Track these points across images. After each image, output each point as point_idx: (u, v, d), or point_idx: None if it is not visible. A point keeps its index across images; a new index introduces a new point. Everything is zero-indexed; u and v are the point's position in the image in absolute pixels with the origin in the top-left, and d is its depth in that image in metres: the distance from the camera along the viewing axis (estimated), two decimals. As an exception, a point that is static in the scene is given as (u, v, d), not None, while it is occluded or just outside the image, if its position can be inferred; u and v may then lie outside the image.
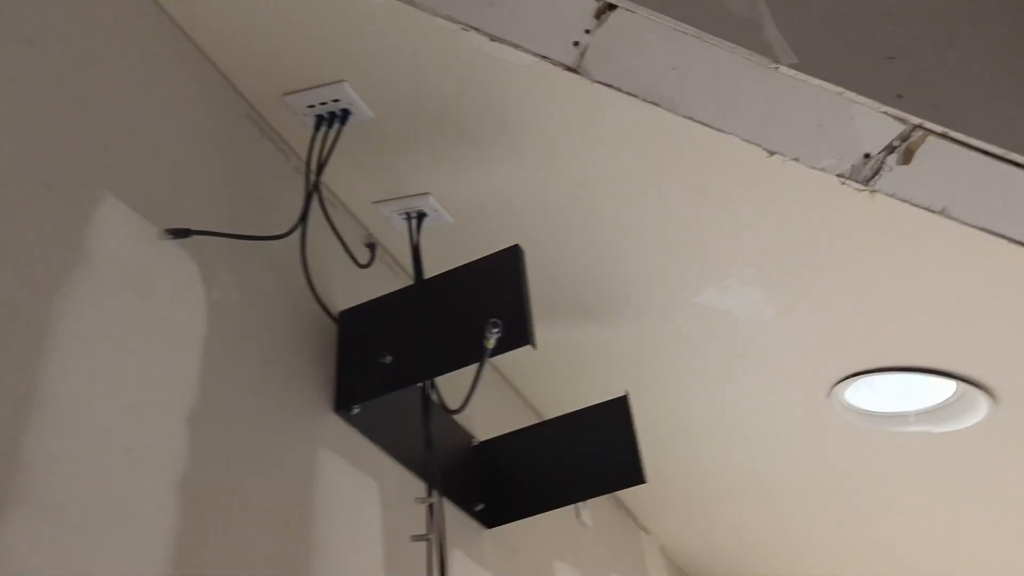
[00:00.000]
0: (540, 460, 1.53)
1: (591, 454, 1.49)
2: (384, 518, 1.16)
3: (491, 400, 1.73)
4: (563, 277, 1.47)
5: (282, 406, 1.04)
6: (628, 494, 2.34)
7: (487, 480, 1.54)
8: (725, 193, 1.25)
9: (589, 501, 2.09)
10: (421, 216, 1.36)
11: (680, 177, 1.24)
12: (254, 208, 1.10)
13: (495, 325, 0.95)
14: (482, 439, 1.59)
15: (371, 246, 1.19)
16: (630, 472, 1.43)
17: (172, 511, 0.80)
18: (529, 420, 1.67)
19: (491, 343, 0.97)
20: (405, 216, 1.37)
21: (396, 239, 1.41)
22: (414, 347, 1.14)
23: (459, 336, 1.11)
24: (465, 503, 1.45)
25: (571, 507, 1.99)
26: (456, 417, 1.53)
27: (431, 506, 1.06)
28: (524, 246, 1.14)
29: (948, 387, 1.64)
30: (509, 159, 1.25)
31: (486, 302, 1.13)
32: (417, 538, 1.04)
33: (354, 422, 1.18)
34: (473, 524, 1.46)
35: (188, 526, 0.82)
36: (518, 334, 1.08)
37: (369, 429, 1.20)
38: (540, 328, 1.61)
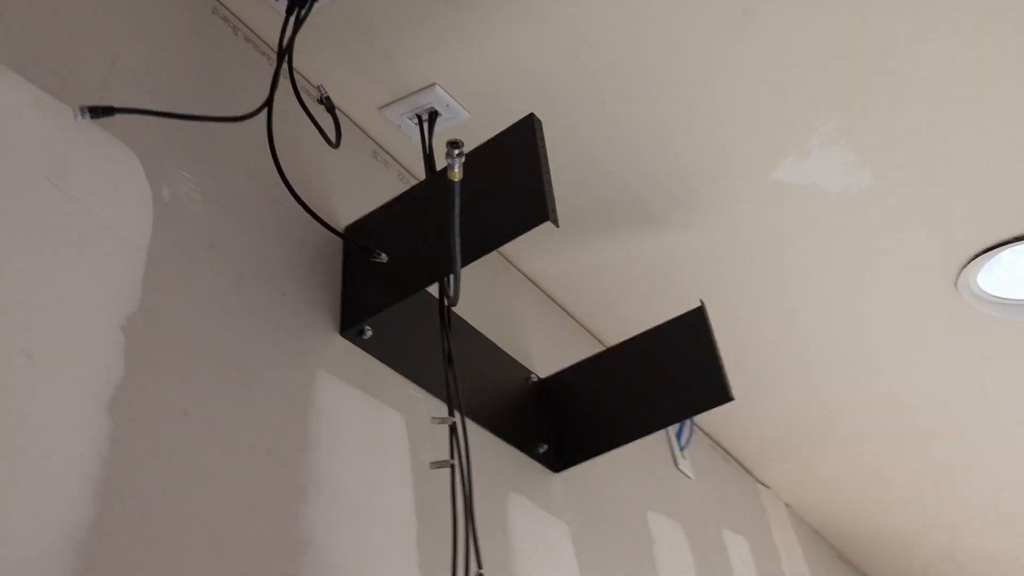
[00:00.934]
0: (608, 392, 1.32)
1: (666, 377, 1.27)
2: (406, 449, 0.99)
3: (551, 333, 1.54)
4: (611, 172, 1.26)
5: (264, 325, 0.88)
6: (739, 445, 2.10)
7: (550, 419, 1.35)
8: (781, 14, 0.99)
9: (688, 452, 1.86)
10: (433, 116, 1.19)
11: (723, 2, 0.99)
12: (217, 96, 0.95)
13: (454, 145, 0.75)
14: (543, 376, 1.40)
15: (325, 100, 0.98)
16: (713, 390, 1.21)
17: (101, 429, 0.65)
18: (594, 352, 1.46)
19: (455, 171, 0.76)
20: (416, 119, 1.20)
21: (413, 152, 1.24)
22: (422, 247, 0.96)
23: (473, 227, 0.93)
24: (525, 445, 1.26)
25: (668, 457, 1.77)
26: (512, 353, 1.36)
27: (453, 427, 0.88)
28: (560, 137, 0.95)
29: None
30: (525, 21, 1.05)
31: (501, 182, 0.95)
32: (437, 464, 0.86)
33: (367, 346, 1.01)
34: (536, 467, 1.27)
35: (127, 450, 0.67)
36: (536, 211, 0.89)
37: (386, 353, 1.03)
38: (596, 243, 1.42)
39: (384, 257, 0.95)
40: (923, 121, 1.12)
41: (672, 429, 1.85)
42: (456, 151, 0.74)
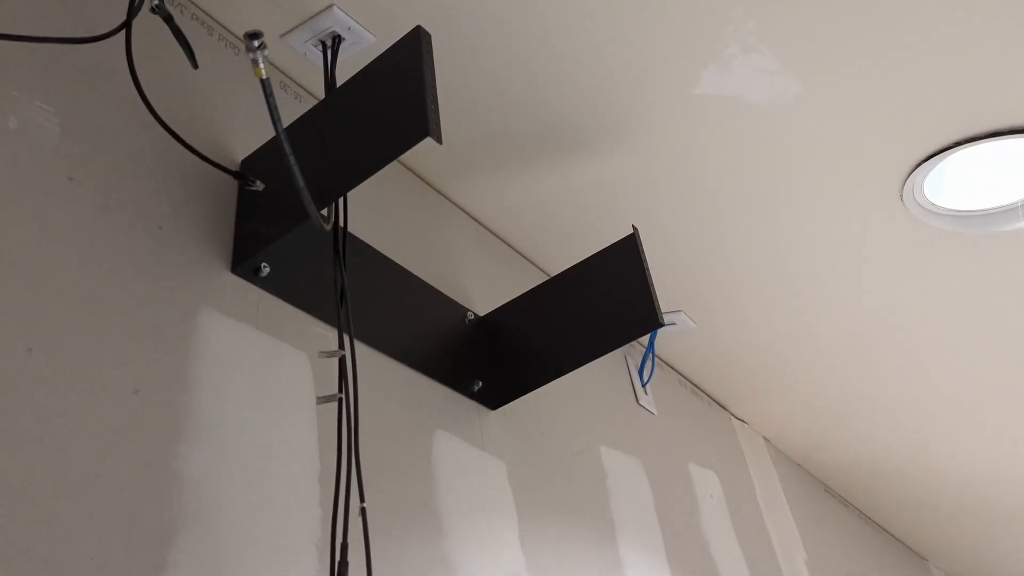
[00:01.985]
0: (545, 325, 1.28)
1: (600, 307, 1.23)
2: (309, 387, 0.95)
3: (493, 270, 1.49)
4: (544, 99, 1.20)
5: (134, 260, 0.83)
6: (711, 381, 2.06)
7: (487, 356, 1.31)
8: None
9: (651, 388, 1.82)
10: (337, 41, 1.13)
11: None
12: (84, 20, 0.89)
13: (252, 37, 0.68)
14: (483, 313, 1.36)
15: (158, 8, 0.87)
16: (645, 316, 1.16)
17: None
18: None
19: (259, 68, 0.68)
20: (320, 46, 1.14)
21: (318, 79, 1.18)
22: (317, 167, 0.90)
23: (359, 147, 0.88)
24: (459, 383, 1.22)
25: (629, 393, 1.74)
26: (448, 293, 1.31)
27: (342, 360, 0.84)
28: (484, 62, 0.88)
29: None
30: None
31: (385, 100, 0.89)
32: (324, 399, 0.82)
33: (266, 284, 0.97)
34: (470, 405, 1.24)
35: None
36: (417, 127, 0.83)
37: (287, 291, 0.99)
38: (534, 174, 1.37)
39: (260, 185, 0.90)
40: (850, 17, 1.05)
41: (633, 365, 1.81)
42: (256, 42, 0.67)
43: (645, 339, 1.84)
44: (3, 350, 0.68)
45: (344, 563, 0.72)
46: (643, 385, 1.79)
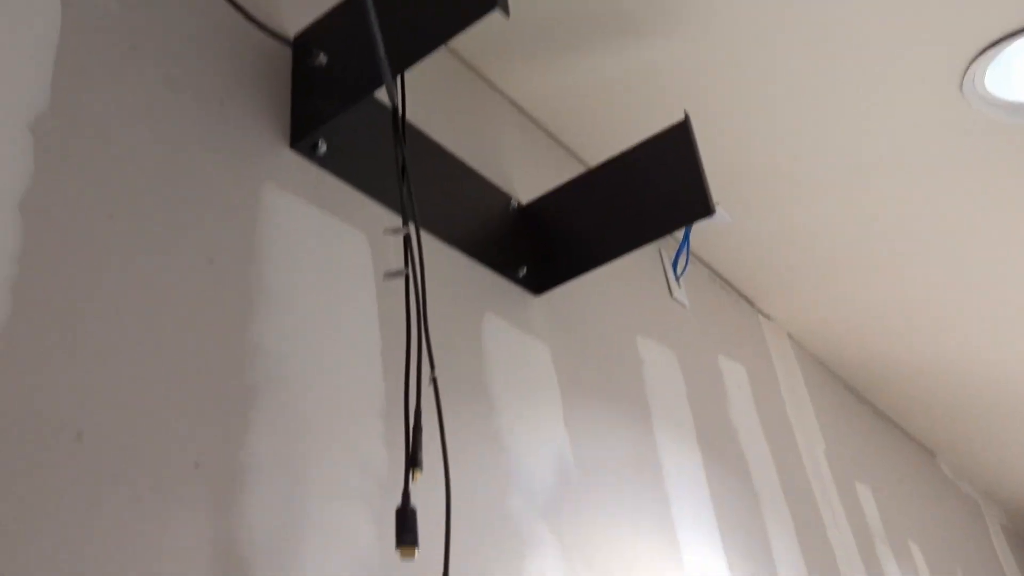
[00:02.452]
0: (591, 213, 1.28)
1: (648, 194, 1.22)
2: (368, 266, 0.96)
3: (535, 159, 1.48)
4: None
5: (198, 133, 0.83)
6: (740, 275, 2.07)
7: (531, 243, 1.31)
8: None
9: (684, 281, 1.83)
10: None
11: None
12: None
13: None
14: (525, 202, 1.36)
15: None
16: (695, 204, 1.16)
17: (9, 226, 0.63)
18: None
19: None
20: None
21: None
22: (368, 49, 0.89)
23: (420, 20, 0.86)
24: (504, 268, 1.24)
25: (663, 285, 1.75)
26: (493, 179, 1.31)
27: (407, 238, 0.85)
28: None
29: None
30: None
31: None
32: (391, 275, 0.83)
33: (323, 162, 0.97)
34: (516, 290, 1.25)
35: (44, 249, 0.64)
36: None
37: (345, 169, 0.99)
38: (580, 59, 1.34)
39: (323, 58, 0.88)
40: None
41: (667, 258, 1.82)
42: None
43: (680, 233, 1.84)
44: (86, 216, 0.69)
45: (418, 427, 0.75)
46: (676, 279, 1.80)
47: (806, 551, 1.72)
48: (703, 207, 1.15)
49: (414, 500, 0.73)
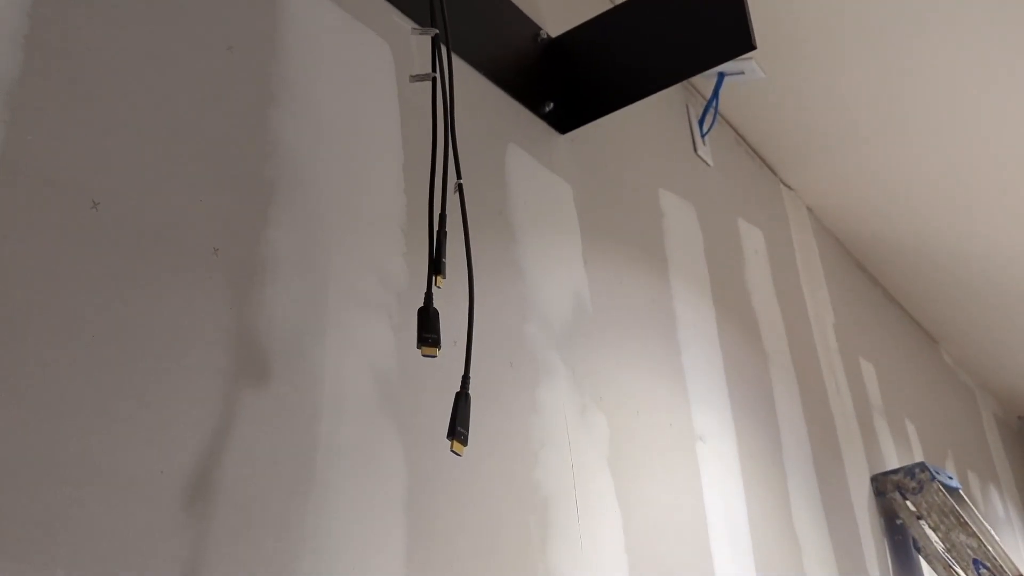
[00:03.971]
0: (622, 48, 1.22)
1: (685, 28, 1.16)
2: (392, 75, 0.92)
3: (566, -10, 1.40)
4: None
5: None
6: (766, 143, 2.01)
7: (559, 78, 1.26)
8: None
9: (709, 140, 1.78)
10: None
11: None
12: None
13: None
14: (554, 35, 1.29)
15: None
16: (736, 38, 1.10)
17: (19, -17, 0.58)
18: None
19: None
20: None
21: None
22: None
23: None
24: (530, 101, 1.19)
25: (688, 141, 1.70)
26: (521, 7, 1.24)
27: (435, 39, 0.80)
28: None
29: None
30: None
31: None
32: (417, 78, 0.79)
33: (347, -38, 0.90)
34: (541, 126, 1.21)
35: None
36: None
37: (369, -28, 0.93)
38: None
39: None
40: None
41: (695, 114, 1.76)
42: None
43: (709, 89, 1.77)
44: (99, -21, 0.64)
45: (443, 232, 0.72)
46: (702, 136, 1.75)
47: (808, 414, 1.74)
48: (744, 40, 1.09)
49: (440, 309, 0.72)
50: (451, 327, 0.77)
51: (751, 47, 1.08)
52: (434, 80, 0.79)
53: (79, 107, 0.60)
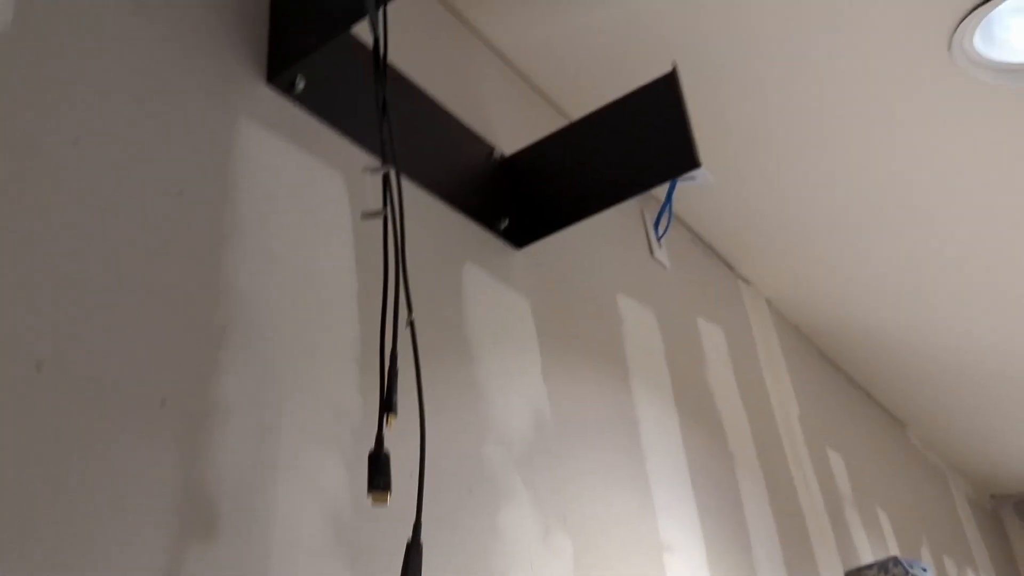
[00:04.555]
0: (574, 165, 1.26)
1: (634, 147, 1.20)
2: (346, 207, 0.94)
3: (517, 109, 1.45)
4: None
5: (171, 60, 0.80)
6: (721, 239, 2.06)
7: (514, 195, 1.29)
8: None
9: (666, 242, 1.82)
10: None
11: None
12: None
13: None
14: (508, 153, 1.33)
15: None
16: (681, 157, 1.14)
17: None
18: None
19: None
20: None
21: None
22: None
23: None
24: (486, 219, 1.21)
25: (644, 245, 1.74)
26: (474, 127, 1.28)
27: (386, 176, 0.82)
28: None
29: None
30: None
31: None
32: (369, 215, 0.80)
33: (302, 100, 0.93)
34: (497, 242, 1.23)
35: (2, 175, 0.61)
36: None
37: (324, 108, 0.96)
38: (564, 7, 1.31)
39: (301, -20, 0.85)
40: None
41: (649, 218, 1.80)
42: None
43: (662, 194, 1.82)
44: (48, 140, 0.66)
45: (394, 371, 0.73)
46: (658, 239, 1.79)
47: (777, 512, 1.73)
48: (689, 160, 1.13)
49: (388, 446, 0.72)
50: (409, 460, 0.76)
51: (696, 165, 1.12)
52: (385, 217, 0.81)
53: (24, 268, 0.60)
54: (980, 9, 1.17)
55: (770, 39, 1.32)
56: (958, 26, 1.21)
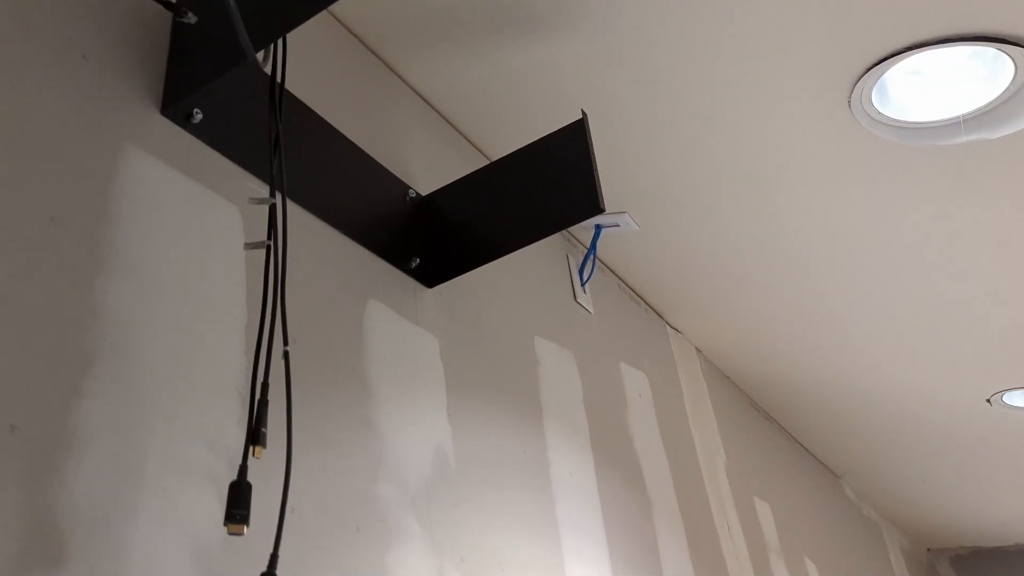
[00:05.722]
0: (486, 208, 1.27)
1: (542, 191, 1.22)
2: (240, 240, 0.93)
3: (435, 150, 1.46)
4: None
5: (52, 85, 0.79)
6: (649, 288, 2.09)
7: (427, 235, 1.30)
8: None
9: (590, 288, 1.84)
10: None
11: None
12: None
13: None
14: (426, 192, 1.35)
15: None
16: (586, 202, 1.16)
17: None
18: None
19: None
20: None
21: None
22: (245, 8, 0.86)
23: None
24: (396, 258, 1.22)
25: (568, 289, 1.75)
26: (391, 168, 1.29)
27: (272, 208, 0.82)
28: None
29: (1005, 71, 1.26)
30: None
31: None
32: (252, 245, 0.80)
33: (198, 132, 0.93)
34: (407, 281, 1.23)
35: None
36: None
37: (221, 141, 0.96)
38: (484, 51, 1.34)
39: (192, 17, 0.85)
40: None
41: (575, 263, 1.82)
42: None
43: (588, 239, 1.85)
44: (-94, 156, 0.65)
45: (264, 401, 0.72)
46: (582, 284, 1.81)
47: (696, 560, 1.72)
48: (593, 205, 1.15)
49: (267, 482, 0.71)
50: (291, 494, 0.75)
51: (599, 210, 1.14)
52: (268, 247, 0.81)
53: None
54: (875, 68, 1.23)
55: (680, 95, 1.36)
56: (855, 85, 1.27)
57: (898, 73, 1.24)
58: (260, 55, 0.87)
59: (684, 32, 1.24)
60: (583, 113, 1.22)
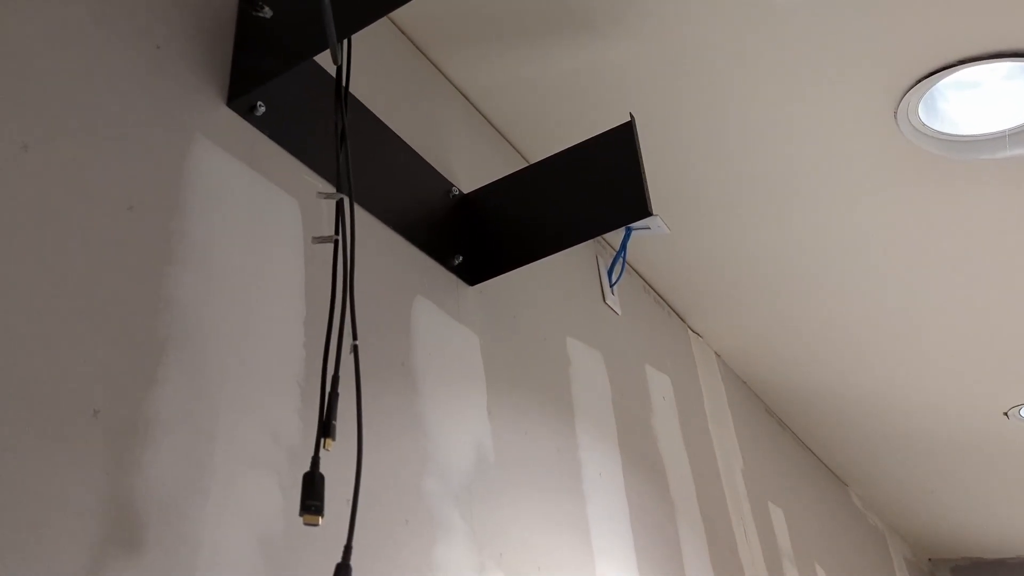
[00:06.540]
0: (530, 207, 1.28)
1: (588, 193, 1.23)
2: (299, 233, 0.94)
3: (477, 149, 1.47)
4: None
5: (130, 73, 0.80)
6: (674, 292, 2.10)
7: (469, 233, 1.31)
8: None
9: (618, 289, 1.85)
10: None
11: None
12: None
13: None
14: (466, 191, 1.35)
15: None
16: (633, 204, 1.17)
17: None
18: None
19: None
20: None
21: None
22: (310, 9, 0.87)
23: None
24: (440, 255, 1.23)
25: (597, 291, 1.76)
26: (435, 165, 1.30)
27: (340, 203, 0.83)
28: None
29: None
30: None
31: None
32: (321, 239, 0.81)
33: (261, 124, 0.94)
34: (450, 278, 1.24)
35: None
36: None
37: (283, 134, 0.97)
38: (530, 53, 1.35)
39: (268, 11, 0.86)
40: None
41: (604, 265, 1.83)
42: None
43: (617, 242, 1.85)
44: (-1, 142, 0.65)
45: (335, 394, 0.73)
46: (611, 286, 1.81)
47: (716, 563, 1.74)
48: (641, 208, 1.16)
49: (326, 472, 0.71)
50: (345, 486, 0.76)
51: (648, 213, 1.15)
52: (336, 242, 0.81)
53: (-38, 269, 0.60)
54: (923, 83, 1.24)
55: (729, 103, 1.36)
56: (903, 97, 1.27)
57: (946, 86, 1.25)
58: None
59: (736, 41, 1.25)
60: (631, 116, 1.23)
